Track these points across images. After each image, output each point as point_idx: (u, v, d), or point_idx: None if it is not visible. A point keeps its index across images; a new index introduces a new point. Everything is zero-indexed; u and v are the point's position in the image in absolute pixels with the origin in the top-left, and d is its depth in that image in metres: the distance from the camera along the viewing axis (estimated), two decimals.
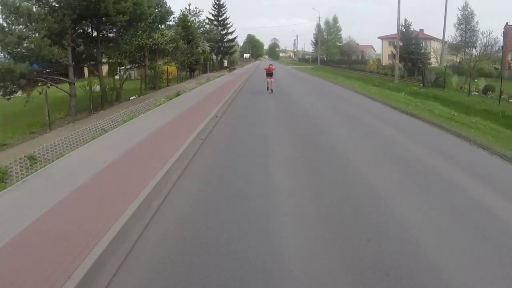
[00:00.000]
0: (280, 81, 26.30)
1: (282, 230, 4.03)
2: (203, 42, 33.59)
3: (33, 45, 11.15)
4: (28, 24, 11.73)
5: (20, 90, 12.14)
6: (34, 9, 11.72)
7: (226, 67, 49.13)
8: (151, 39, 18.33)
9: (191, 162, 6.78)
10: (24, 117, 12.59)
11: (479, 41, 28.97)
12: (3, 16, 11.74)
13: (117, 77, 18.06)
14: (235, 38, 53.12)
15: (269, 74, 18.56)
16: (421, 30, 39.59)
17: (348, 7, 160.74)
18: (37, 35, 11.29)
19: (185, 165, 6.51)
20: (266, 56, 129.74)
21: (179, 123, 10.29)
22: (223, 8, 49.05)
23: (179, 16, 29.95)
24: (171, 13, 18.88)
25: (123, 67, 18.74)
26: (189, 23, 30.35)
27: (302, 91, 21.15)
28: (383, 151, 7.53)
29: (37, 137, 10.50)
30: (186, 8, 37.05)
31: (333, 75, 35.51)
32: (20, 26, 11.91)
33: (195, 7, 38.77)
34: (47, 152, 9.14)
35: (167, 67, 24.11)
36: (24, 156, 8.39)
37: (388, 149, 7.73)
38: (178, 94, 17.04)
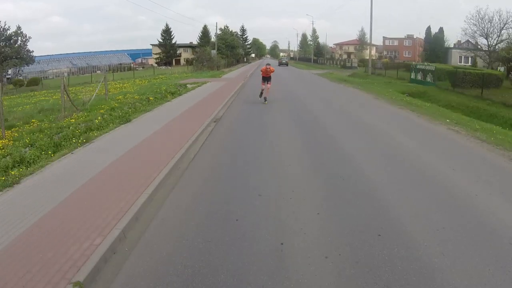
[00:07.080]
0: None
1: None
2: (241, 49, 79.83)
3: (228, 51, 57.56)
4: (220, 51, 58.18)
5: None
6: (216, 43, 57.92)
7: (245, 62, 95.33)
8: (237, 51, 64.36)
9: (255, 71, 53.11)
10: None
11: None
12: (210, 47, 58.31)
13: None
14: (251, 46, 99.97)
15: (266, 78, 14.68)
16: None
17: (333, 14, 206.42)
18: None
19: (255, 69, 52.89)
20: (268, 56, 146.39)
21: (251, 67, 56.50)
22: (245, 31, 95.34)
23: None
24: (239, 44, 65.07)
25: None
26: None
27: (279, 68, 67.31)
28: (298, 80, 53.72)
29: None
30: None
31: (298, 64, 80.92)
32: (214, 50, 58.60)
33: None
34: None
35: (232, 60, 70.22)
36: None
37: (298, 79, 53.92)
38: (244, 64, 63.10)
